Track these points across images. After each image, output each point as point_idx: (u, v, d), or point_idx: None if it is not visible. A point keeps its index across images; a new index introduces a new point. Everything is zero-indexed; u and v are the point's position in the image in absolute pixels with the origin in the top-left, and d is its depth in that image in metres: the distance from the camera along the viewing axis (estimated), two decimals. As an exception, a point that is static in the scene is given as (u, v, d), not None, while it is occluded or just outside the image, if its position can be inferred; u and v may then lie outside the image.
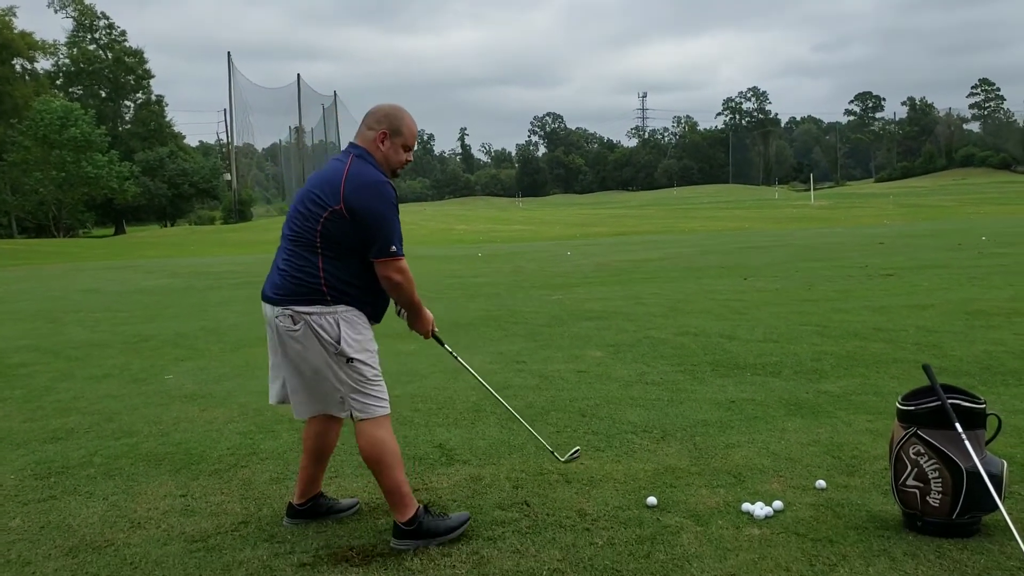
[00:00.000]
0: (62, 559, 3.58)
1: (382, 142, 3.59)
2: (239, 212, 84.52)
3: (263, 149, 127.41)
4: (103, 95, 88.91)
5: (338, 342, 3.47)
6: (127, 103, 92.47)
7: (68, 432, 5.74)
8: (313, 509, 3.92)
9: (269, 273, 3.68)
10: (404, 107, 3.71)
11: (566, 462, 3.98)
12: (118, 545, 3.71)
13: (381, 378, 3.63)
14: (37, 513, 4.16)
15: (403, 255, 3.51)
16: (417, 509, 3.58)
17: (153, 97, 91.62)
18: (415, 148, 3.76)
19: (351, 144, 3.66)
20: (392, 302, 3.78)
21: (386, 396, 3.64)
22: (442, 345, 4.14)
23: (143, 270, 26.65)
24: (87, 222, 74.66)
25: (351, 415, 3.58)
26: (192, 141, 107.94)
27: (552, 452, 4.03)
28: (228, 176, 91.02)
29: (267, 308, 3.61)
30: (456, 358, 4.18)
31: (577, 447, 4.28)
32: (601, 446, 4.89)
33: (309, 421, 3.89)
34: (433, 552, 3.47)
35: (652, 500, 3.95)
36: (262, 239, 51.80)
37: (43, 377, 7.94)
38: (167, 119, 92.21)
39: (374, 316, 3.68)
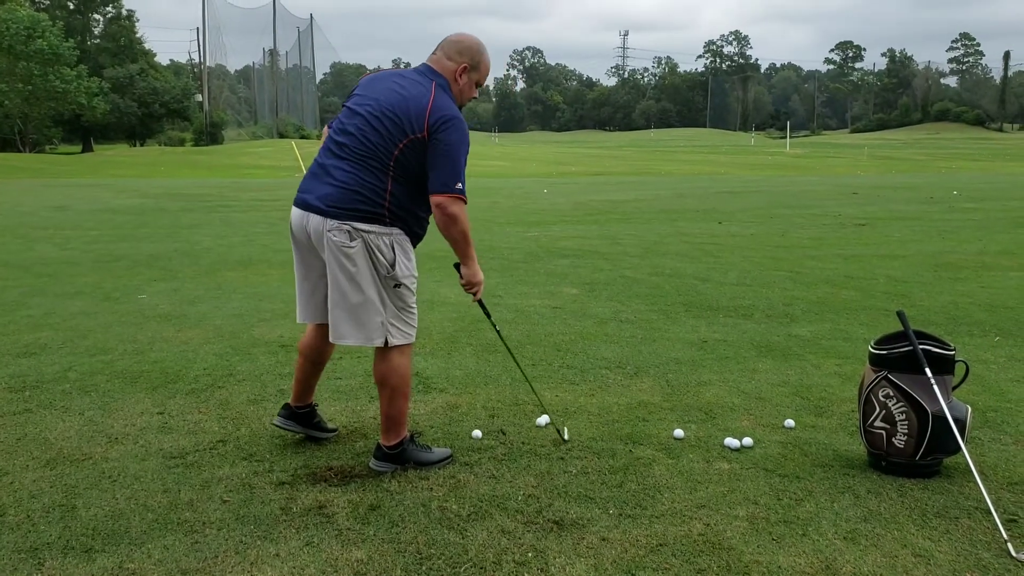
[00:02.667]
0: (40, 470, 3.60)
1: (460, 75, 3.52)
2: (210, 135, 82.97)
3: (236, 71, 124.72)
4: (71, 7, 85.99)
5: (393, 265, 3.42)
6: (96, 16, 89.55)
7: (41, 347, 5.72)
8: (307, 416, 3.93)
9: (310, 183, 3.51)
10: (484, 44, 3.63)
11: (568, 440, 3.90)
12: (96, 459, 3.73)
13: (415, 309, 3.60)
14: (13, 426, 4.16)
15: (465, 198, 3.41)
16: (404, 437, 3.62)
17: (124, 12, 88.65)
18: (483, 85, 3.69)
19: (430, 69, 3.52)
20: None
21: (416, 325, 3.62)
22: (487, 315, 3.98)
23: (113, 189, 26.25)
24: (54, 138, 72.97)
25: (385, 342, 3.50)
26: (163, 59, 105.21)
27: (559, 431, 3.97)
28: (200, 97, 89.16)
29: (312, 219, 3.42)
30: (498, 334, 4.05)
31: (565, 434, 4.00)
32: (576, 380, 4.97)
33: (313, 330, 3.79)
34: (411, 475, 3.53)
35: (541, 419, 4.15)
36: (233, 163, 51.10)
37: (13, 292, 7.86)
38: (138, 35, 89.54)
39: (414, 244, 3.63)
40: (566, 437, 3.96)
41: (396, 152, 3.37)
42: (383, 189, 3.38)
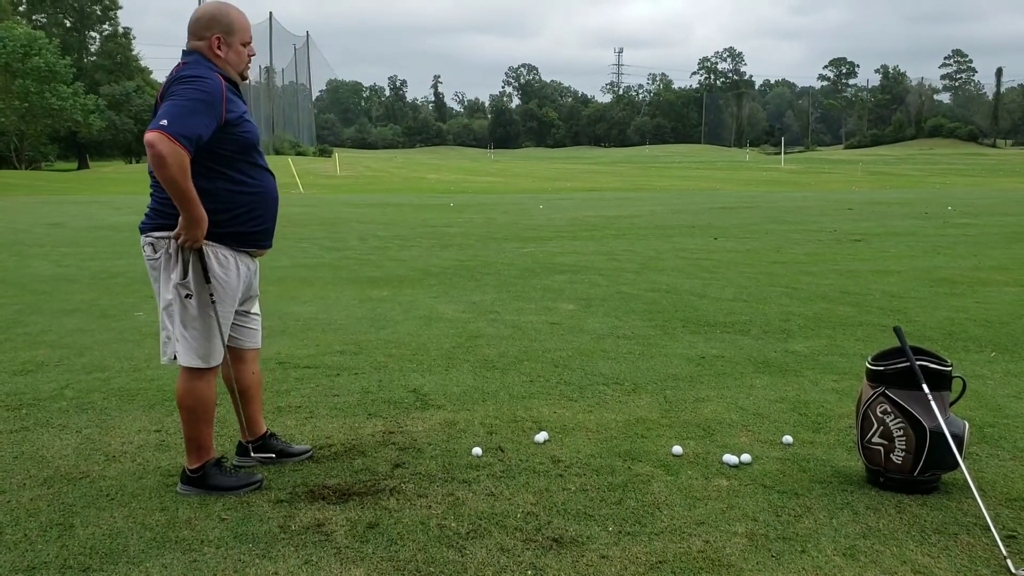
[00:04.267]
0: (37, 489, 3.59)
1: (219, 48, 3.35)
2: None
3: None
4: (68, 24, 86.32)
5: (185, 273, 3.36)
6: (93, 34, 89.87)
7: (38, 365, 5.71)
8: (263, 448, 3.90)
9: None
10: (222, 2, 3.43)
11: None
12: (94, 477, 3.72)
13: (214, 329, 3.43)
14: (10, 444, 4.15)
15: (178, 140, 3.09)
16: (207, 461, 3.54)
17: (120, 29, 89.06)
18: (252, 40, 3.52)
19: (183, 53, 3.41)
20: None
21: (212, 351, 3.45)
22: (204, 273, 3.43)
23: (109, 206, 26.25)
24: (50, 155, 73.07)
25: (174, 358, 3.44)
26: (159, 77, 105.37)
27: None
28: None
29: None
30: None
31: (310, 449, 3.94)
32: (574, 396, 4.97)
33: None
34: (408, 492, 3.53)
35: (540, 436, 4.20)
36: (230, 180, 51.05)
37: (10, 309, 7.85)
38: (134, 52, 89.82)
39: (253, 240, 3.54)
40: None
41: None
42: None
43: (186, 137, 3.13)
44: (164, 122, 3.11)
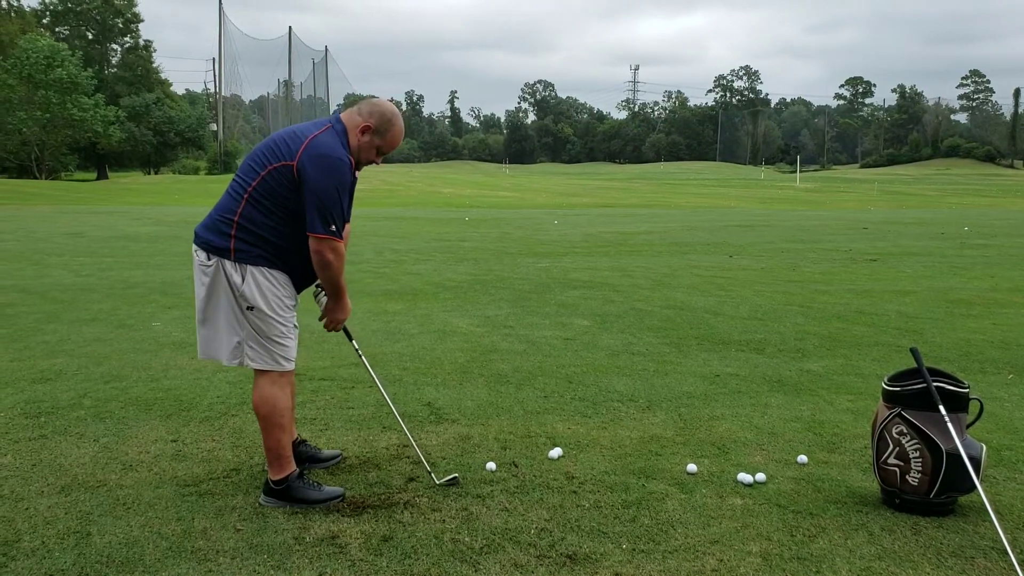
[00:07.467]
0: (55, 496, 3.62)
1: (363, 133, 3.54)
2: (224, 163, 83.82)
3: (250, 101, 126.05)
4: (90, 37, 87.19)
5: (241, 284, 3.45)
6: (114, 46, 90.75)
7: (56, 373, 5.75)
8: (295, 456, 3.93)
9: None
10: (400, 115, 3.66)
11: (441, 484, 3.77)
12: (111, 486, 3.75)
13: (287, 334, 3.57)
14: (28, 452, 4.19)
15: (340, 238, 3.44)
16: (290, 472, 3.58)
17: (141, 42, 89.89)
18: (387, 154, 3.70)
19: (336, 117, 3.61)
20: (315, 286, 3.75)
21: (289, 355, 3.58)
22: (350, 340, 4.00)
23: (128, 216, 26.45)
24: (69, 165, 73.76)
25: (242, 362, 3.53)
26: (179, 89, 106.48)
27: (430, 473, 3.86)
28: (214, 126, 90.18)
29: (194, 246, 3.61)
30: (360, 356, 4.04)
31: (456, 475, 3.87)
32: (588, 412, 4.97)
33: None
34: (423, 506, 3.54)
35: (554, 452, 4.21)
36: (247, 192, 51.30)
37: (29, 318, 7.92)
38: (154, 65, 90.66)
39: (291, 276, 3.61)
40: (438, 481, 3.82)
41: (264, 173, 3.42)
42: (233, 212, 3.45)
43: (339, 227, 3.44)
44: (334, 227, 3.41)
